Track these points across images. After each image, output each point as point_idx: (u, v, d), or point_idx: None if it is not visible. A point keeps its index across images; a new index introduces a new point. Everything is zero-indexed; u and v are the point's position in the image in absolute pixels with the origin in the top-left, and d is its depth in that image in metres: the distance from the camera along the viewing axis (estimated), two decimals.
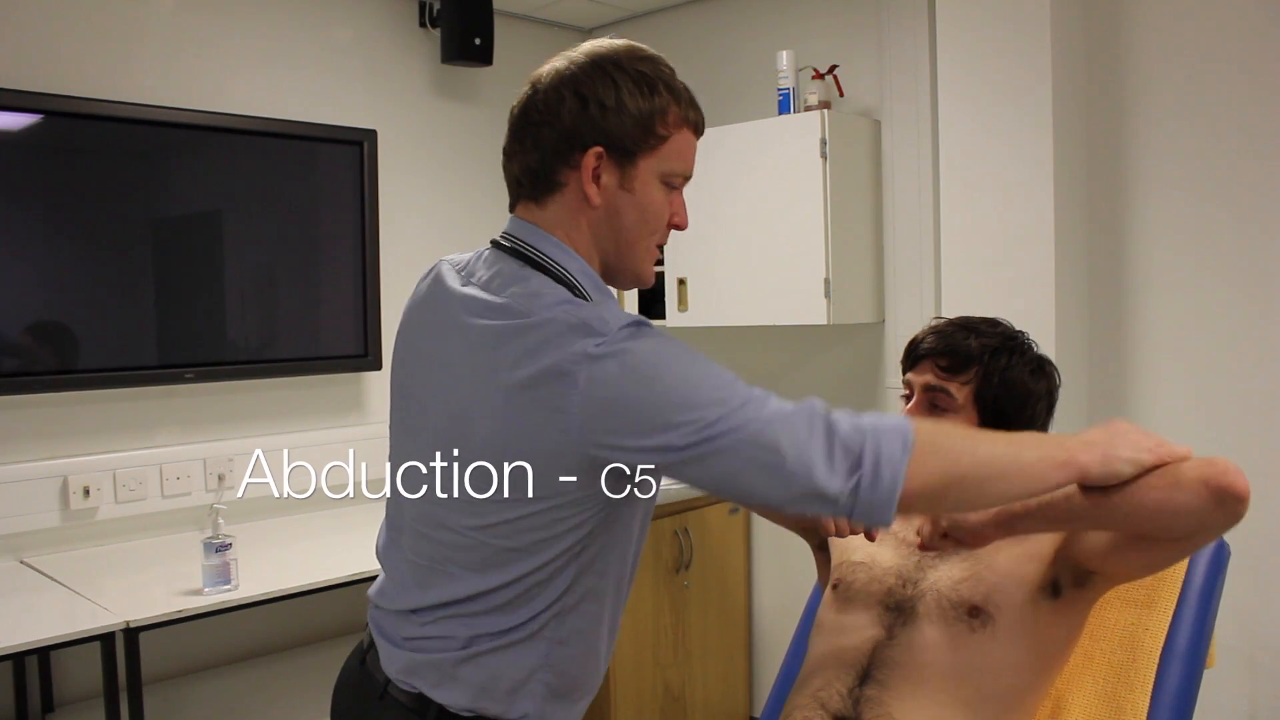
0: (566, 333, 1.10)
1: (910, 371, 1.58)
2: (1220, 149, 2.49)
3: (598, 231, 1.22)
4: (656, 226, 1.24)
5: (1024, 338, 1.57)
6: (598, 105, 1.17)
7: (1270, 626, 2.43)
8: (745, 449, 1.05)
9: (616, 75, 1.19)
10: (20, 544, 2.64)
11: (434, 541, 1.23)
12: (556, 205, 1.21)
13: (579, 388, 1.07)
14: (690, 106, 1.26)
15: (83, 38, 2.75)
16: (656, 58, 1.24)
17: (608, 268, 1.25)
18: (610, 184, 1.19)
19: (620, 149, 1.18)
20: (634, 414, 1.07)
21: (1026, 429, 1.54)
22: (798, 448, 1.05)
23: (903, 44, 3.00)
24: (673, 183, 1.24)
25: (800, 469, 1.04)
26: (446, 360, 1.21)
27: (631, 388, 1.07)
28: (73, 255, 2.70)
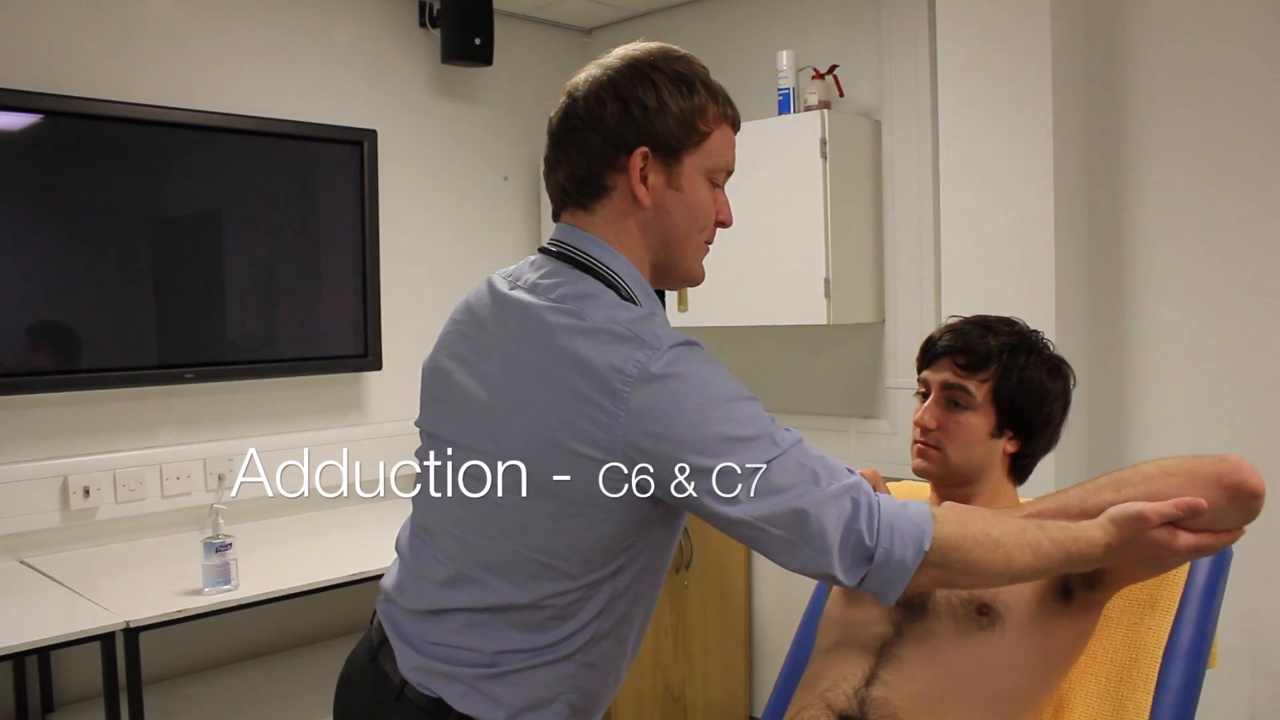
0: (616, 343, 1.11)
1: (927, 369, 1.57)
2: (1220, 149, 2.49)
3: (648, 233, 1.23)
4: (705, 223, 1.25)
5: (1040, 337, 1.58)
6: (640, 107, 1.18)
7: (1271, 627, 2.43)
8: (775, 513, 1.09)
9: (655, 76, 1.20)
10: (20, 544, 2.64)
11: (471, 546, 1.21)
12: (604, 210, 1.22)
13: (627, 401, 1.08)
14: (727, 103, 1.26)
15: (83, 38, 2.75)
16: (690, 57, 1.24)
17: (658, 269, 1.26)
18: (658, 184, 1.20)
19: (665, 148, 1.19)
20: (682, 432, 1.08)
21: (1043, 428, 1.54)
22: (822, 531, 1.08)
23: (903, 44, 3.00)
24: (716, 179, 1.25)
25: (817, 552, 1.09)
26: (490, 364, 1.21)
27: (683, 410, 1.08)
28: (73, 255, 2.70)
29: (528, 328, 1.18)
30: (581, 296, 1.17)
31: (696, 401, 1.09)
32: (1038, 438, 1.55)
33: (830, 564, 1.08)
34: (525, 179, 3.75)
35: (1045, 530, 1.18)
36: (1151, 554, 1.22)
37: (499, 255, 3.68)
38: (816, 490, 1.10)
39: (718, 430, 1.08)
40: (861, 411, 3.18)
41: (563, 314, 1.15)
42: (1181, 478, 1.26)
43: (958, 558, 1.12)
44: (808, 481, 1.10)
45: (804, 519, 1.08)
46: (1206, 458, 1.26)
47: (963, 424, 1.52)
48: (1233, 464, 1.23)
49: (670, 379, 1.09)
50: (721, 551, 3.40)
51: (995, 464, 1.54)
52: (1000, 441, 1.53)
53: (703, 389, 1.10)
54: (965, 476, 1.53)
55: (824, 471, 1.13)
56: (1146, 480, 1.28)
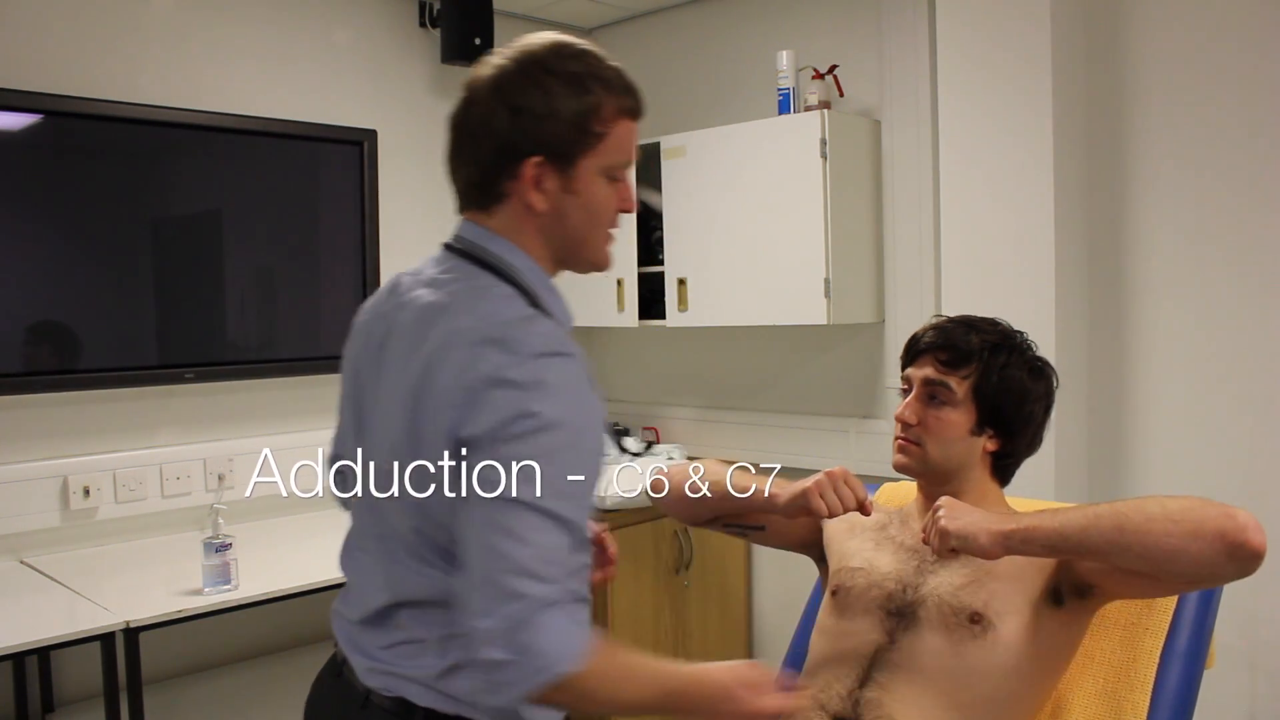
0: (485, 344, 1.11)
1: (910, 366, 1.59)
2: (1220, 148, 2.49)
3: (546, 234, 1.22)
4: (605, 219, 1.24)
5: (1023, 337, 1.59)
6: (530, 115, 1.16)
7: (1270, 626, 2.43)
8: (497, 549, 1.07)
9: (544, 79, 1.17)
10: (20, 544, 2.64)
11: (390, 544, 1.23)
12: (503, 214, 1.22)
13: (476, 401, 1.09)
14: (625, 94, 1.22)
15: (83, 38, 2.75)
16: (585, 52, 1.21)
17: (563, 262, 1.26)
18: (553, 189, 1.19)
19: (559, 154, 1.18)
20: (493, 420, 1.08)
21: (1023, 427, 1.55)
22: (503, 600, 1.05)
23: (903, 44, 3.00)
24: (615, 175, 1.23)
25: (484, 614, 1.06)
26: (387, 363, 1.22)
27: (523, 405, 1.08)
28: (73, 255, 2.70)
29: (419, 325, 1.19)
30: (472, 293, 1.18)
31: (536, 413, 1.08)
32: (1018, 437, 1.55)
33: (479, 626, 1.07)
34: None
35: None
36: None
37: None
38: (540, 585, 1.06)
39: (529, 451, 1.07)
40: (861, 411, 3.18)
41: (449, 311, 1.17)
42: (1182, 532, 1.24)
43: (584, 694, 1.10)
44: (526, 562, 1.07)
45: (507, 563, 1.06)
46: (1213, 510, 1.24)
47: (942, 420, 1.53)
48: (1239, 524, 1.22)
49: (519, 389, 1.08)
50: (721, 552, 3.40)
51: (975, 462, 1.55)
52: (980, 439, 1.54)
53: (547, 401, 1.08)
54: (945, 473, 1.54)
55: (562, 574, 1.08)
56: (1149, 522, 1.26)
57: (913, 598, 1.49)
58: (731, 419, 3.51)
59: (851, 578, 1.56)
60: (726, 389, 3.56)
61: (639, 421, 3.78)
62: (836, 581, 1.58)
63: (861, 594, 1.53)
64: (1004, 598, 1.43)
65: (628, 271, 3.36)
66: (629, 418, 3.81)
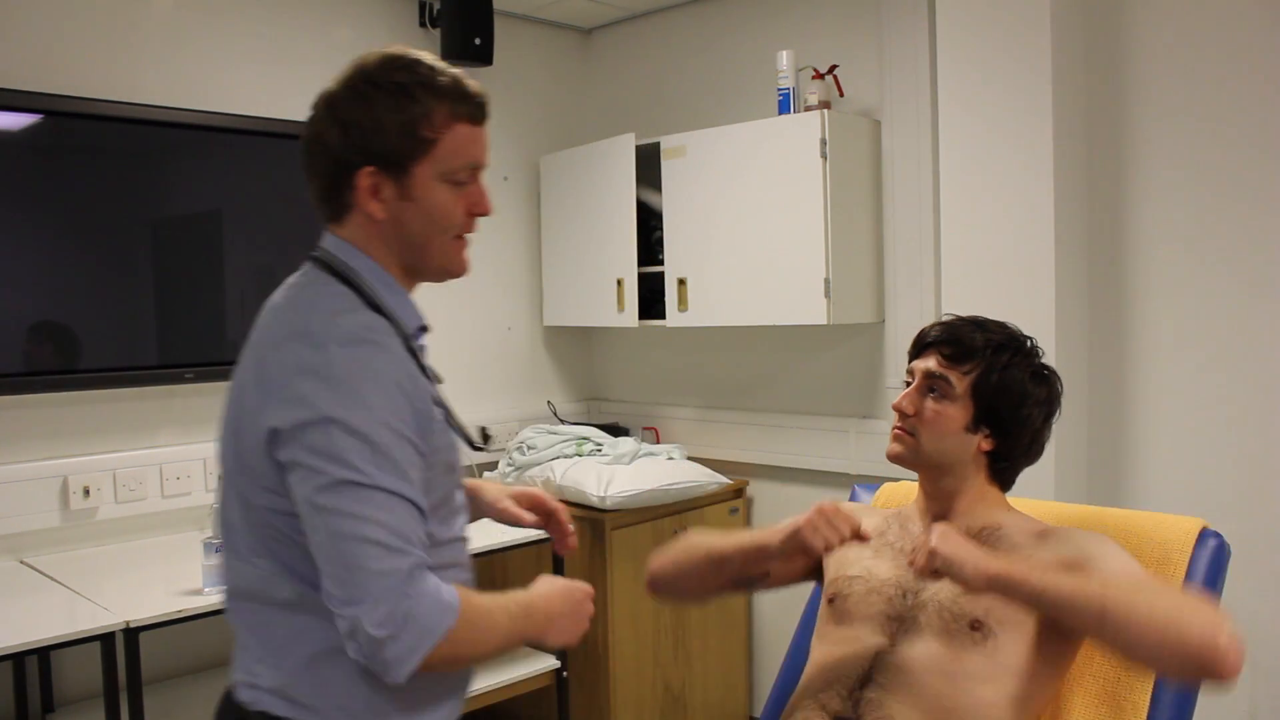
0: (294, 339, 1.17)
1: (916, 359, 1.60)
2: (1220, 149, 2.49)
3: (390, 242, 1.26)
4: (448, 224, 1.26)
5: (1033, 343, 1.59)
6: (356, 128, 1.20)
7: (1271, 626, 2.43)
8: (344, 533, 1.11)
9: (369, 91, 1.21)
10: (20, 544, 2.64)
11: (236, 548, 1.29)
12: (351, 224, 1.26)
13: (280, 392, 1.16)
14: (460, 100, 1.23)
15: (83, 38, 2.75)
16: (415, 62, 1.23)
17: (411, 269, 1.29)
18: (390, 197, 1.23)
19: (390, 163, 1.21)
20: (312, 413, 1.12)
21: (1019, 429, 1.55)
22: (370, 580, 1.10)
23: (903, 44, 3.00)
24: (458, 178, 1.25)
25: (354, 600, 1.11)
26: (241, 368, 1.28)
27: (321, 391, 1.13)
28: (73, 255, 2.70)
29: (260, 330, 1.26)
30: (304, 292, 1.25)
31: (324, 400, 1.12)
32: (1013, 439, 1.55)
33: (363, 614, 1.11)
34: (525, 179, 3.75)
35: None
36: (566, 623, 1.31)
37: (499, 255, 3.68)
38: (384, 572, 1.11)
39: (339, 434, 1.11)
40: (861, 411, 3.18)
41: (279, 309, 1.25)
42: (1162, 641, 1.24)
43: (462, 642, 1.16)
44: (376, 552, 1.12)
45: (362, 559, 1.11)
46: (1199, 624, 1.26)
47: (939, 412, 1.53)
48: (1220, 652, 1.24)
49: (319, 378, 1.13)
50: None
51: (969, 460, 1.54)
52: (975, 437, 1.53)
53: (334, 390, 1.13)
54: (938, 467, 1.54)
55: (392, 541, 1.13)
56: (1131, 617, 1.26)
57: (913, 603, 1.49)
58: (731, 419, 3.51)
59: (849, 586, 1.56)
60: (726, 389, 3.56)
61: (639, 421, 3.78)
62: (834, 590, 1.58)
63: (860, 601, 1.53)
64: (1004, 606, 1.43)
65: (628, 271, 3.36)
66: (629, 418, 3.81)
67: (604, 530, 3.06)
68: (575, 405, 3.91)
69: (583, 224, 3.53)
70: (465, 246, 1.30)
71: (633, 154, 3.33)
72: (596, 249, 3.48)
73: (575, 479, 3.13)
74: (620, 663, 3.10)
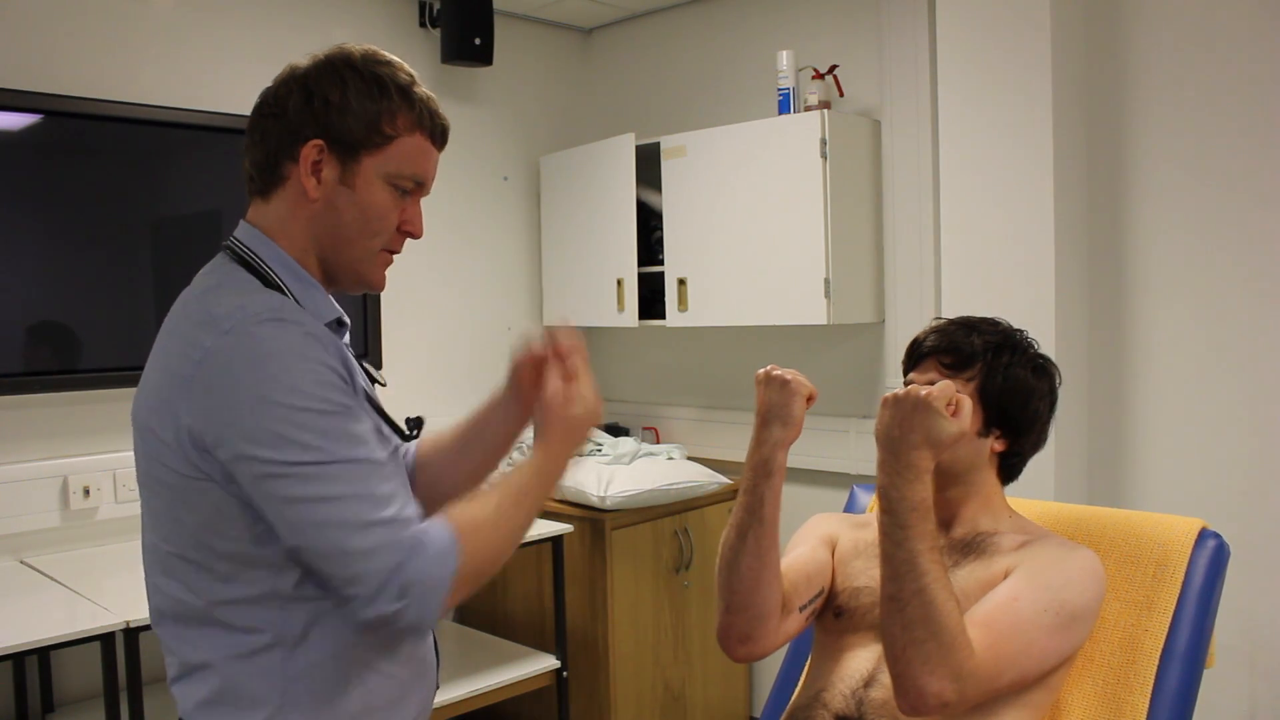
0: (196, 328, 1.13)
1: (913, 370, 1.58)
2: (1220, 148, 2.49)
3: (315, 227, 1.21)
4: (379, 229, 1.22)
5: (1025, 336, 1.58)
6: (322, 101, 1.18)
7: (1270, 626, 2.43)
8: (316, 521, 1.08)
9: (347, 74, 1.19)
10: (20, 544, 2.64)
11: (146, 547, 1.24)
12: (279, 200, 1.22)
13: (190, 385, 1.10)
14: (427, 115, 1.23)
15: (83, 38, 2.75)
16: (396, 63, 1.22)
17: (328, 265, 1.25)
18: (330, 178, 1.19)
19: (343, 144, 1.18)
20: (230, 400, 1.08)
21: (1030, 426, 1.54)
22: (356, 561, 1.07)
23: (903, 44, 3.00)
24: (402, 185, 1.22)
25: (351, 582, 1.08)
26: (149, 362, 1.24)
27: (235, 390, 1.08)
28: (73, 255, 2.70)
29: (166, 322, 1.22)
30: (211, 287, 1.19)
31: (247, 383, 1.08)
32: (1024, 436, 1.55)
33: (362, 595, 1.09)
34: (525, 179, 3.75)
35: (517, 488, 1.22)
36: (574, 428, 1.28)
37: (499, 255, 3.68)
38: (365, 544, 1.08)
39: (266, 417, 1.07)
40: (861, 411, 3.18)
41: (182, 302, 1.21)
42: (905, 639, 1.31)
43: (481, 564, 1.14)
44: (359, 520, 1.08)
45: (344, 543, 1.08)
46: (941, 665, 1.28)
47: None
48: (924, 695, 1.28)
49: (231, 359, 1.09)
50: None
51: (983, 463, 1.54)
52: (988, 440, 1.53)
53: (257, 371, 1.08)
54: (954, 476, 1.53)
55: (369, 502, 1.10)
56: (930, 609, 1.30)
57: None
58: (731, 419, 3.51)
59: (856, 598, 1.55)
60: (726, 389, 3.56)
61: (639, 421, 3.78)
62: (841, 601, 1.56)
63: (867, 612, 1.52)
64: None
65: (628, 271, 3.36)
66: (629, 418, 3.81)
67: (604, 530, 3.06)
68: None
69: (583, 224, 3.53)
70: (388, 263, 1.27)
71: (633, 154, 3.33)
72: (596, 249, 3.48)
73: (575, 479, 3.12)
74: (620, 663, 3.10)
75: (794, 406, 1.48)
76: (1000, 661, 1.32)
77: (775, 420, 1.48)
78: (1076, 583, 1.41)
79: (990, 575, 1.43)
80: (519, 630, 3.31)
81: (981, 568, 1.45)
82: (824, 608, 1.59)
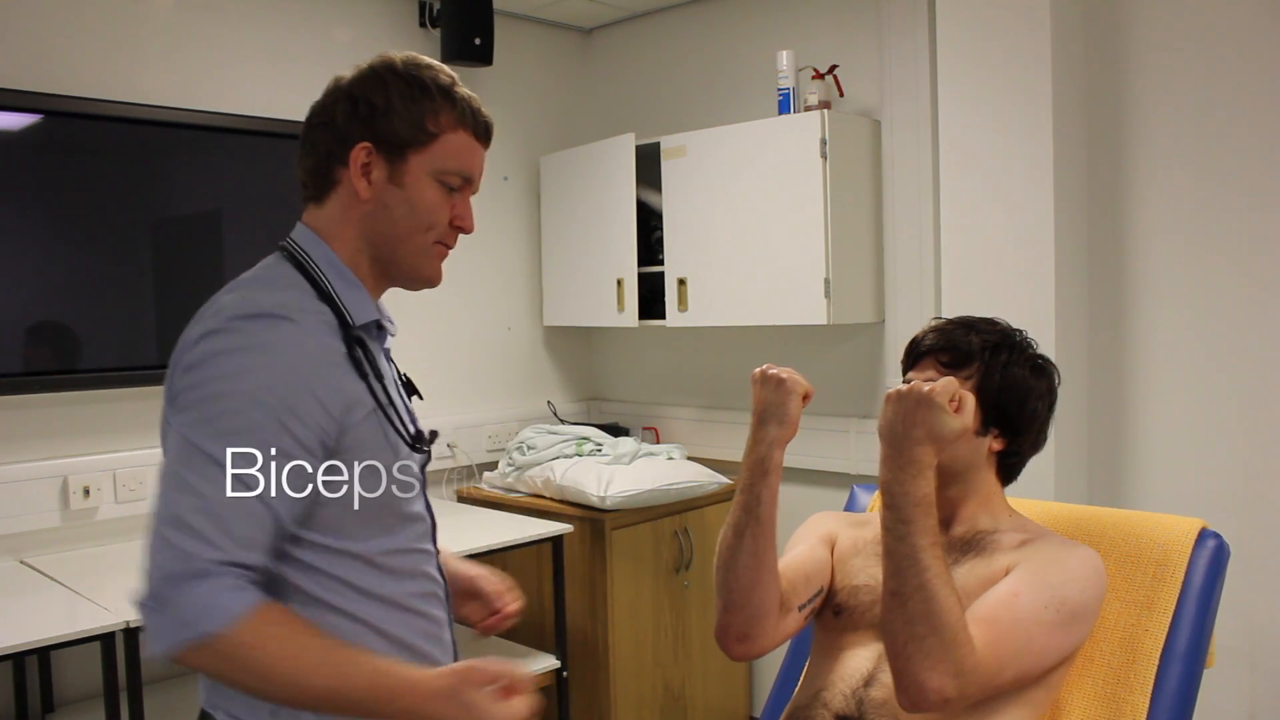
0: (205, 315, 1.17)
1: (912, 370, 1.58)
2: (1221, 149, 2.49)
3: (367, 227, 1.26)
4: (431, 223, 1.26)
5: (1023, 335, 1.58)
6: (367, 105, 1.23)
7: (1270, 626, 2.43)
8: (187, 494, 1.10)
9: (389, 79, 1.24)
10: (20, 544, 2.64)
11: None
12: (332, 203, 1.27)
13: (176, 366, 1.17)
14: (470, 114, 1.28)
15: (83, 38, 2.75)
16: (437, 66, 1.27)
17: (382, 265, 1.28)
18: (380, 178, 1.23)
19: (389, 144, 1.23)
20: (193, 379, 1.14)
21: (1028, 425, 1.54)
22: (160, 550, 1.07)
23: (903, 44, 3.00)
24: (449, 182, 1.27)
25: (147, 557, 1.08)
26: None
27: (209, 361, 1.13)
28: (73, 255, 2.70)
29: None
30: (244, 278, 1.24)
31: (214, 367, 1.12)
32: (1023, 435, 1.55)
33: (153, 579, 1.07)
34: (525, 179, 3.75)
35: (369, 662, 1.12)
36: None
37: (499, 255, 3.68)
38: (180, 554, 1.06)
39: (211, 403, 1.11)
40: (861, 411, 3.18)
41: (218, 294, 1.22)
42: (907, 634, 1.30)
43: (240, 661, 1.06)
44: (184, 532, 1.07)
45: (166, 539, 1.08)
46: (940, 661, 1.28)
47: None
48: (925, 691, 1.28)
49: (206, 344, 1.13)
50: None
51: (982, 463, 1.54)
52: (986, 440, 1.53)
53: (228, 361, 1.12)
54: (952, 475, 1.53)
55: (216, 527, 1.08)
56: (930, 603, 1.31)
57: None
58: (731, 419, 3.51)
59: (855, 596, 1.55)
60: (726, 389, 3.56)
61: (639, 421, 3.78)
62: (841, 599, 1.57)
63: (866, 610, 1.52)
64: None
65: (628, 271, 3.36)
66: (629, 418, 3.81)
67: (604, 530, 3.06)
68: (575, 405, 3.91)
69: (583, 224, 3.53)
70: (443, 256, 1.31)
71: (633, 154, 3.33)
72: (596, 249, 3.48)
73: (575, 479, 3.13)
74: (620, 663, 3.10)
75: (790, 405, 1.48)
76: (1001, 658, 1.32)
77: (771, 419, 1.48)
78: (1077, 580, 1.41)
79: (991, 572, 1.44)
80: (518, 630, 3.30)
81: (982, 565, 1.45)
82: (823, 606, 1.59)
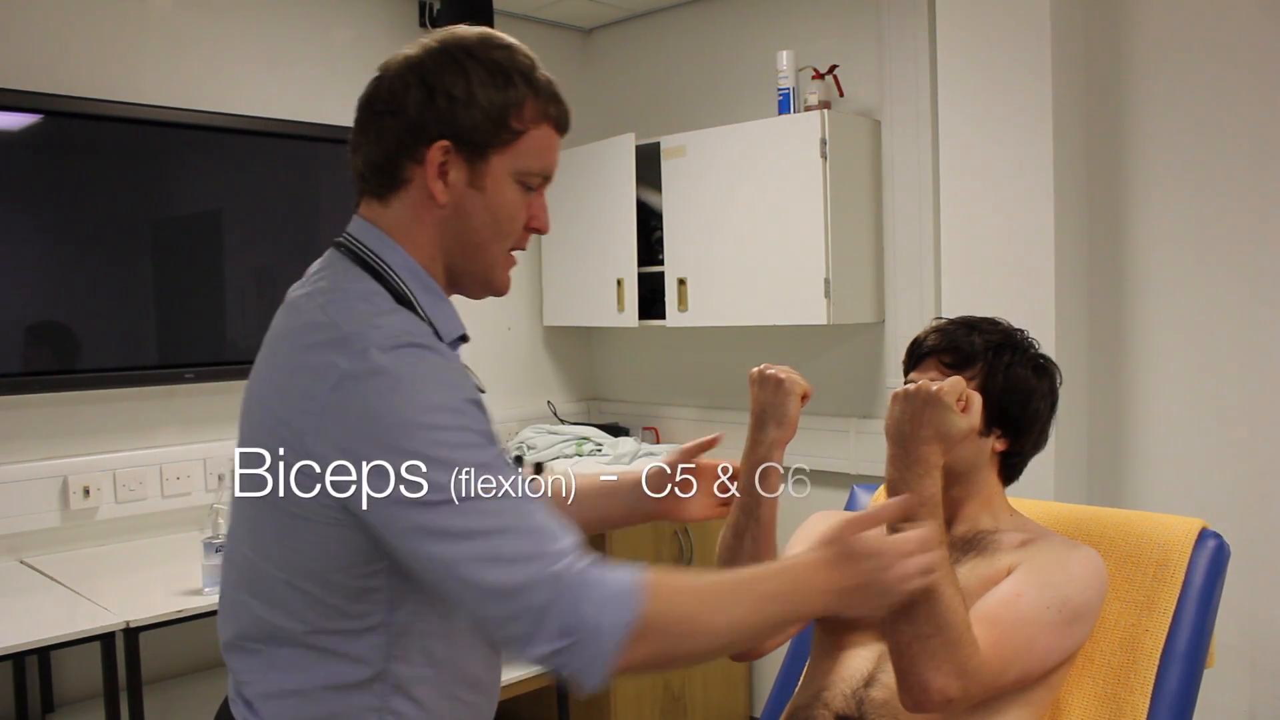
0: (325, 346, 1.03)
1: (914, 370, 1.58)
2: (1220, 150, 2.49)
3: (443, 232, 1.13)
4: (510, 230, 1.15)
5: (1025, 335, 1.58)
6: (445, 96, 1.07)
7: (1270, 626, 2.43)
8: (466, 557, 0.98)
9: (468, 64, 1.08)
10: (20, 544, 2.64)
11: (233, 562, 1.17)
12: (400, 203, 1.13)
13: (321, 404, 1.01)
14: (551, 101, 1.13)
15: (83, 38, 2.75)
16: (515, 46, 1.12)
17: (454, 272, 1.16)
18: (458, 181, 1.10)
19: (470, 143, 1.08)
20: (369, 426, 0.99)
21: (1031, 425, 1.54)
22: (509, 600, 0.98)
23: (903, 44, 3.00)
24: (529, 183, 1.14)
25: (505, 623, 0.99)
26: (258, 367, 1.14)
27: (374, 401, 0.99)
28: (73, 255, 2.70)
29: (279, 327, 1.13)
30: (333, 291, 1.10)
31: (389, 406, 0.99)
32: (1025, 436, 1.54)
33: (518, 638, 0.99)
34: None
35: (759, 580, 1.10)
36: (878, 588, 1.14)
37: None
38: (508, 577, 0.98)
39: (409, 442, 0.98)
40: (861, 411, 3.18)
41: (305, 311, 1.10)
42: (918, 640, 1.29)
43: (670, 625, 1.01)
44: (502, 549, 0.98)
45: (488, 575, 0.98)
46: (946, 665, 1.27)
47: None
48: (929, 693, 1.28)
49: (367, 384, 1.00)
50: None
51: (984, 463, 1.54)
52: (989, 440, 1.52)
53: (399, 394, 1.00)
54: (955, 475, 1.52)
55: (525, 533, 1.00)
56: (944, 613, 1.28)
57: None
58: (731, 419, 3.50)
59: None
60: (726, 389, 3.56)
61: (639, 421, 3.78)
62: None
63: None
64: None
65: (628, 271, 3.36)
66: (629, 418, 3.81)
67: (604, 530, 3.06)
68: (575, 405, 3.91)
69: (583, 224, 3.53)
70: (513, 264, 1.19)
71: (633, 154, 3.33)
72: (596, 249, 3.48)
73: None
74: None
75: (788, 406, 1.47)
76: (1004, 658, 1.32)
77: (770, 420, 1.47)
78: (1079, 580, 1.41)
79: (992, 572, 1.43)
80: None
81: (984, 565, 1.45)
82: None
